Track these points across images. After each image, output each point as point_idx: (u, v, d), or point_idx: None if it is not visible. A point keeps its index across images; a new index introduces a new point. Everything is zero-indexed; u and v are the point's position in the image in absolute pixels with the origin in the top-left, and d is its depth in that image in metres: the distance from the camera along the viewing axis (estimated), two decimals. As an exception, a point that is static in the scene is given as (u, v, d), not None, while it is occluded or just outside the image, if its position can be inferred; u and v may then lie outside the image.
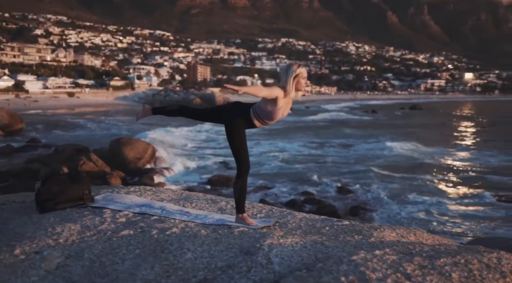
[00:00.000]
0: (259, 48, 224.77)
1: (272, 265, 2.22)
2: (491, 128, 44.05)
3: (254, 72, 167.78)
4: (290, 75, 2.94)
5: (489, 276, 1.94)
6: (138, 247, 2.44)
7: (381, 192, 16.41)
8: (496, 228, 12.68)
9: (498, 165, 22.22)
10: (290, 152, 25.62)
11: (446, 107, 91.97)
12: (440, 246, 2.34)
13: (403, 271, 1.95)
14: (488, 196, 16.08)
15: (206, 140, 30.04)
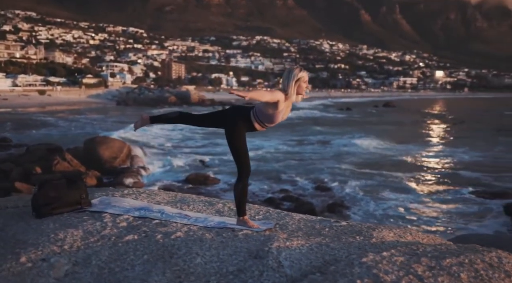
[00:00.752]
0: (233, 46, 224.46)
1: (283, 268, 2.23)
2: (461, 125, 45.11)
3: (229, 69, 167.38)
4: (292, 79, 2.96)
5: (495, 276, 2.01)
6: (145, 253, 2.42)
7: (356, 189, 16.60)
8: (471, 223, 13.01)
9: (471, 161, 22.78)
10: (268, 149, 25.71)
11: (418, 105, 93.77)
12: (441, 246, 2.41)
13: (414, 273, 2.00)
14: (462, 192, 16.46)
15: (182, 139, 29.85)
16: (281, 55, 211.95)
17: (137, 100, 75.53)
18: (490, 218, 13.44)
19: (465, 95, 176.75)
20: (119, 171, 17.85)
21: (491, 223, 13.24)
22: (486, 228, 12.71)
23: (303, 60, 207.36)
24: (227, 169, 19.93)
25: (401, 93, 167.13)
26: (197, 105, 73.68)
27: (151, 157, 21.81)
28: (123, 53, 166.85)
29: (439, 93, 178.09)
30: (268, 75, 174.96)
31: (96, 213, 3.07)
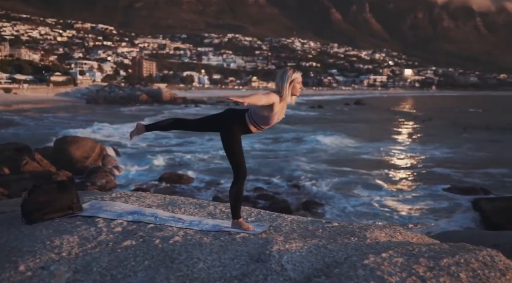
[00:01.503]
0: (205, 44, 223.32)
1: (286, 272, 2.25)
2: (430, 122, 46.14)
3: (201, 67, 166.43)
4: (286, 80, 2.97)
5: (492, 275, 2.08)
6: (145, 258, 2.40)
7: (329, 186, 16.77)
8: (442, 219, 13.32)
9: (441, 158, 23.31)
10: (243, 148, 25.72)
11: (388, 102, 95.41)
12: (434, 246, 2.47)
13: (416, 274, 2.04)
14: (433, 188, 16.81)
15: (155, 137, 29.51)
16: (253, 53, 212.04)
17: (108, 98, 74.21)
18: (459, 213, 13.80)
19: (432, 93, 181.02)
20: (91, 171, 17.48)
21: (460, 218, 13.59)
22: (456, 223, 13.04)
23: (275, 58, 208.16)
24: (201, 167, 19.85)
25: (372, 91, 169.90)
26: (169, 104, 72.97)
27: (124, 156, 21.52)
28: (92, 51, 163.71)
29: (408, 91, 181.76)
30: (240, 73, 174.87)
31: (88, 218, 3.03)
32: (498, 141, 30.03)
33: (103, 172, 17.47)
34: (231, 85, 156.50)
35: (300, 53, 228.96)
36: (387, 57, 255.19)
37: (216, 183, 17.34)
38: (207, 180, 17.66)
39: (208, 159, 21.83)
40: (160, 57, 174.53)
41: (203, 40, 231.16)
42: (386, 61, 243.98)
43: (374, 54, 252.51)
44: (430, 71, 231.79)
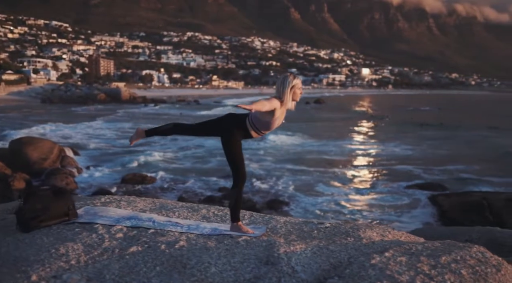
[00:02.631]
0: (164, 42, 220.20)
1: (297, 273, 2.29)
2: (388, 120, 47.36)
3: (160, 66, 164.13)
4: (287, 86, 3.00)
5: (488, 271, 2.19)
6: (156, 264, 2.40)
7: (293, 185, 16.95)
8: (404, 215, 13.73)
9: (402, 155, 23.97)
10: (208, 147, 25.56)
11: (348, 101, 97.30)
12: (427, 243, 2.56)
13: (422, 272, 2.13)
14: (393, 185, 17.28)
15: (118, 137, 28.93)
16: (212, 51, 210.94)
17: (64, 98, 71.99)
18: (419, 209, 14.28)
19: (389, 91, 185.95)
20: (50, 173, 16.94)
21: (420, 214, 14.07)
22: (416, 219, 13.50)
23: (235, 57, 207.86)
24: (165, 167, 19.63)
25: (331, 90, 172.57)
26: (129, 103, 71.56)
27: (84, 157, 20.98)
28: (46, 48, 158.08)
29: (366, 90, 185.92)
30: (200, 71, 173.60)
31: (86, 225, 3.00)
32: (452, 139, 31.20)
33: (63, 174, 16.96)
34: (191, 84, 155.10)
35: (260, 52, 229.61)
36: (345, 57, 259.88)
37: (180, 182, 17.20)
38: (171, 180, 17.49)
39: (171, 159, 21.63)
40: (118, 56, 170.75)
41: (162, 39, 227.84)
42: (344, 60, 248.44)
43: (333, 54, 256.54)
44: (387, 71, 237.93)
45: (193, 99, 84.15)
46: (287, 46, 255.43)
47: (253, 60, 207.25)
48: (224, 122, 3.06)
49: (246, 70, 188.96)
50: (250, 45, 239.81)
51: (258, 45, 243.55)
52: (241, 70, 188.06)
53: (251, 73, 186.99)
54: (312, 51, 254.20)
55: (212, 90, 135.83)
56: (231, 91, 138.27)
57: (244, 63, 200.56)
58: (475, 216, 12.86)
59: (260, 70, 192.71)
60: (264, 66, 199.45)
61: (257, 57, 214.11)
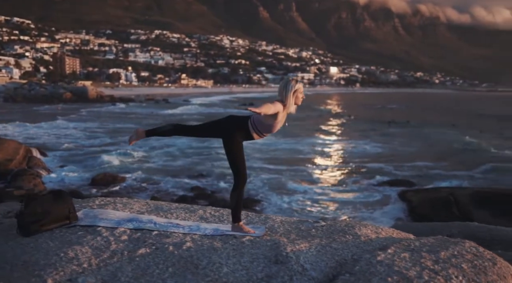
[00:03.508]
0: (131, 40, 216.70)
1: (308, 271, 2.35)
2: (357, 118, 48.07)
3: (127, 64, 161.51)
4: (289, 90, 3.08)
5: (485, 264, 2.30)
6: (167, 265, 2.43)
7: (265, 183, 16.99)
8: (376, 211, 13.96)
9: (373, 153, 24.39)
10: (180, 146, 25.33)
11: (317, 99, 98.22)
12: (423, 240, 2.64)
13: (427, 267, 2.22)
14: (365, 182, 17.56)
15: (88, 137, 28.33)
16: (181, 50, 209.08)
17: (27, 97, 69.88)
18: (390, 205, 14.55)
19: (357, 90, 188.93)
20: (16, 174, 16.40)
21: (391, 209, 14.35)
22: (388, 215, 13.75)
23: (203, 56, 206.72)
24: (136, 167, 19.34)
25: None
26: (96, 102, 70.11)
27: (51, 157, 20.43)
28: (7, 46, 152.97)
29: (334, 88, 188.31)
30: (168, 70, 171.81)
31: (88, 228, 2.99)
32: (419, 136, 31.96)
33: (30, 175, 16.45)
34: (160, 82, 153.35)
35: (229, 50, 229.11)
36: (313, 56, 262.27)
37: (151, 182, 16.98)
38: (142, 180, 17.25)
39: (142, 159, 21.31)
40: (83, 54, 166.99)
41: (129, 36, 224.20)
42: (312, 59, 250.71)
43: (301, 53, 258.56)
44: (354, 69, 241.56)
45: (162, 98, 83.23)
46: (256, 44, 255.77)
47: (222, 59, 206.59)
48: (225, 124, 3.08)
49: (215, 69, 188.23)
50: (219, 43, 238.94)
51: (227, 43, 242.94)
52: (210, 68, 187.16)
53: (220, 71, 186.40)
54: (281, 49, 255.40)
55: (181, 89, 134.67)
56: (200, 89, 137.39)
57: (213, 62, 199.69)
58: (443, 212, 13.21)
59: (229, 68, 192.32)
60: (233, 65, 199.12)
61: (226, 56, 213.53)
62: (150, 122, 37.70)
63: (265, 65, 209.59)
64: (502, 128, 39.11)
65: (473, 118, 50.58)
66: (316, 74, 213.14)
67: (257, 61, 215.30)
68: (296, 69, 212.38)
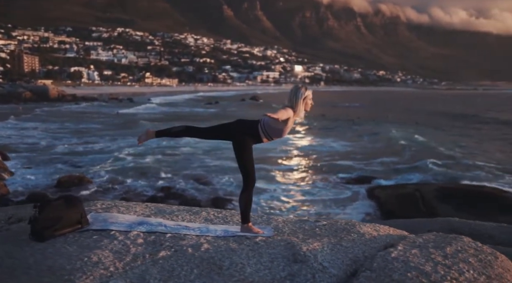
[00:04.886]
0: (93, 38, 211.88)
1: (328, 269, 2.44)
2: (324, 116, 48.62)
3: (89, 62, 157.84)
4: (300, 97, 3.19)
5: (489, 258, 2.42)
6: (192, 267, 2.49)
7: (234, 182, 16.99)
8: (346, 208, 14.19)
9: (341, 150, 24.75)
10: (146, 144, 24.93)
11: (282, 98, 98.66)
12: (425, 236, 2.71)
13: (439, 262, 2.33)
14: (333, 179, 17.81)
15: (54, 138, 27.50)
16: (145, 48, 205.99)
17: (-12, 96, 67.03)
18: (359, 201, 14.84)
19: (321, 88, 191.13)
20: (-25, 176, 15.78)
21: (360, 206, 14.65)
22: (357, 210, 14.02)
23: (168, 54, 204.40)
24: (102, 167, 18.95)
25: (265, 86, 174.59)
26: (57, 101, 68.17)
27: (15, 160, 19.75)
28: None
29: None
30: (132, 68, 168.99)
31: (101, 231, 3.02)
32: (385, 133, 32.68)
33: (-10, 177, 15.86)
34: (123, 81, 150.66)
35: (193, 49, 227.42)
36: (278, 54, 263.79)
37: (119, 182, 16.68)
38: (109, 180, 16.91)
39: (109, 160, 20.88)
40: (42, 51, 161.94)
41: (90, 34, 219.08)
42: (277, 58, 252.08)
43: (266, 51, 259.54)
44: (318, 68, 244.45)
45: (126, 97, 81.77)
46: (221, 43, 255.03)
47: (186, 57, 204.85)
48: (235, 128, 3.17)
49: (179, 67, 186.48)
50: (183, 41, 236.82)
51: (191, 42, 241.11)
52: (174, 67, 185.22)
53: (185, 70, 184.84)
54: (245, 48, 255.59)
55: (146, 88, 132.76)
56: (165, 88, 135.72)
57: (177, 60, 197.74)
58: (410, 207, 13.61)
59: (194, 67, 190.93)
60: (198, 63, 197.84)
61: (190, 54, 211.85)
62: (115, 122, 37.02)
63: (230, 63, 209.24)
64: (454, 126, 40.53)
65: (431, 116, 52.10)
66: (281, 73, 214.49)
67: (222, 59, 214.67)
68: (261, 67, 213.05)
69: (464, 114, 54.55)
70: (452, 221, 4.88)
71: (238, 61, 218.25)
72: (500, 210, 12.56)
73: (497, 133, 35.84)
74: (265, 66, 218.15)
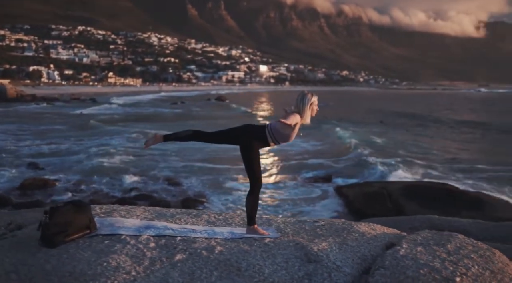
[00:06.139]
0: (53, 36, 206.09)
1: (342, 268, 2.52)
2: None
3: (49, 61, 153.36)
4: (306, 103, 3.30)
5: (488, 254, 2.52)
6: (211, 269, 2.53)
7: (204, 183, 16.88)
8: (316, 206, 14.33)
9: (312, 150, 24.95)
10: (114, 146, 24.46)
11: (248, 98, 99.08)
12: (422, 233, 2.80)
13: (446, 259, 2.46)
14: (303, 178, 17.94)
15: (15, 139, 26.48)
16: (107, 47, 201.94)
17: None
18: (328, 200, 15.01)
19: (286, 88, 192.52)
20: None
21: (329, 203, 14.81)
22: (326, 208, 14.20)
23: (131, 53, 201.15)
24: (66, 168, 18.44)
25: (231, 86, 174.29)
26: (15, 101, 65.79)
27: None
28: None
29: (264, 87, 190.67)
30: (94, 68, 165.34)
31: (111, 236, 3.04)
32: (354, 132, 33.24)
33: None
34: (85, 81, 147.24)
35: (157, 48, 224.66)
36: (243, 54, 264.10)
37: (85, 183, 16.26)
38: (75, 182, 16.46)
39: (75, 161, 20.32)
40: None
41: (50, 32, 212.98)
42: (242, 57, 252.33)
43: (231, 51, 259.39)
44: (283, 68, 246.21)
45: (88, 97, 79.86)
46: (185, 42, 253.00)
47: (150, 57, 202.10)
48: (243, 132, 3.25)
49: (143, 67, 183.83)
50: (147, 41, 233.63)
51: (155, 41, 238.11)
52: (138, 66, 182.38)
53: (149, 69, 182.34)
54: (210, 48, 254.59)
55: (109, 88, 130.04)
56: (128, 88, 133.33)
57: (141, 60, 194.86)
58: (377, 205, 13.89)
59: (158, 66, 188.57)
60: (162, 63, 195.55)
61: (154, 54, 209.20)
62: (79, 122, 36.06)
63: (194, 63, 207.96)
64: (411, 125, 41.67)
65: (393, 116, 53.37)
66: (246, 73, 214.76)
67: (187, 59, 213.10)
68: (226, 67, 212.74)
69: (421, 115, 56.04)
70: (433, 218, 5.04)
71: (203, 61, 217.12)
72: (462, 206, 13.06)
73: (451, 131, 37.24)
74: (230, 65, 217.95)
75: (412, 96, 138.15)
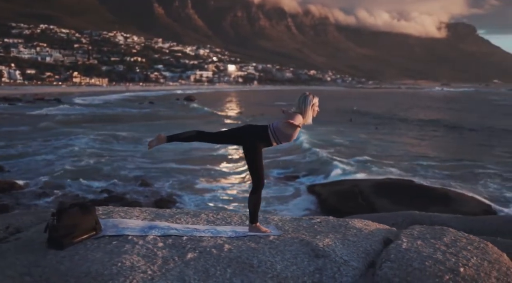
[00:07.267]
0: (13, 34, 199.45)
1: (349, 262, 2.59)
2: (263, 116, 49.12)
3: (10, 61, 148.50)
4: (308, 104, 3.38)
5: (481, 245, 2.71)
6: (224, 267, 2.58)
7: (175, 184, 16.83)
8: (290, 204, 14.49)
9: (281, 148, 25.10)
10: (80, 146, 24.00)
11: (216, 97, 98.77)
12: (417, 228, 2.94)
13: (446, 251, 2.59)
14: (276, 176, 18.10)
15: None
16: (71, 46, 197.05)
17: None
18: (301, 197, 15.24)
19: (255, 87, 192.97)
20: None
21: (301, 201, 15.05)
22: (298, 206, 14.40)
23: (96, 53, 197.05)
24: (35, 170, 18.02)
25: (199, 86, 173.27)
26: (-25, 102, 63.45)
27: None
28: None
29: (233, 86, 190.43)
30: (58, 67, 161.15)
31: (118, 237, 3.07)
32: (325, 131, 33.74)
33: None
34: (49, 81, 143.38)
35: (123, 47, 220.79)
36: (211, 53, 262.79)
37: (55, 187, 15.93)
38: (44, 185, 16.09)
39: (42, 163, 19.84)
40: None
41: (10, 30, 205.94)
42: (210, 57, 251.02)
43: (199, 50, 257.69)
44: (251, 67, 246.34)
45: (53, 97, 77.81)
46: (152, 41, 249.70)
47: (116, 56, 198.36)
48: (246, 132, 3.31)
49: (109, 66, 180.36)
50: (113, 40, 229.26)
51: (121, 40, 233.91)
52: (104, 66, 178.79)
53: (115, 69, 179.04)
54: (178, 47, 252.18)
55: (74, 87, 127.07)
56: (94, 88, 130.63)
57: (107, 59, 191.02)
58: (350, 202, 14.18)
59: (124, 66, 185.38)
60: (128, 62, 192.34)
61: (120, 53, 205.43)
62: (44, 124, 35.12)
63: (162, 62, 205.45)
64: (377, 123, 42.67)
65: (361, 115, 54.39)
66: (214, 72, 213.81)
67: (154, 58, 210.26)
68: (194, 67, 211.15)
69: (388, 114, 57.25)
70: (414, 214, 5.22)
71: (170, 60, 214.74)
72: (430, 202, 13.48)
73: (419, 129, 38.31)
74: (198, 65, 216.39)
75: (378, 94, 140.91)
